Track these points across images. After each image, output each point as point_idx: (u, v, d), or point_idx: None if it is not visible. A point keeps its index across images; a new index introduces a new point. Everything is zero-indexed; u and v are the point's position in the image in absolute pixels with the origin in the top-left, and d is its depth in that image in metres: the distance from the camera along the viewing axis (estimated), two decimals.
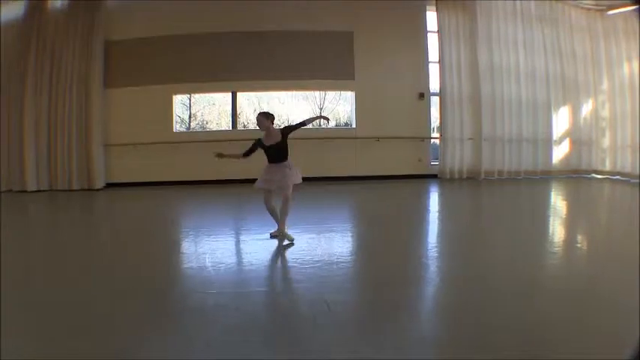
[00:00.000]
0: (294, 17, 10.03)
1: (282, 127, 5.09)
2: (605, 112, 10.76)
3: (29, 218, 8.13)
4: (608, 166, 10.60)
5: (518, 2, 10.55)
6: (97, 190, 10.11)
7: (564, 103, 10.71)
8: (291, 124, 5.29)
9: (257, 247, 4.77)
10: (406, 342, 2.52)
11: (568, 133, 10.74)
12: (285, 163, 4.92)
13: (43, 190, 10.23)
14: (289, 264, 4.03)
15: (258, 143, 4.96)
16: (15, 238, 5.86)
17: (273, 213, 4.98)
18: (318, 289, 3.37)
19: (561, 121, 10.71)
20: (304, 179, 5.10)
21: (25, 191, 10.15)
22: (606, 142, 10.73)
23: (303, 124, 5.11)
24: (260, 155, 5.06)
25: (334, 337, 2.57)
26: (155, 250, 4.87)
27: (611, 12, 10.64)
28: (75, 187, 10.20)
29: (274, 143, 4.87)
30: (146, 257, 4.55)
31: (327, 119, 5.56)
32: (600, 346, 2.35)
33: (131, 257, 4.58)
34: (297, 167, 5.05)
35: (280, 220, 4.88)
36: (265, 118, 4.94)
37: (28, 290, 3.49)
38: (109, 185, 10.28)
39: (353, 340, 2.55)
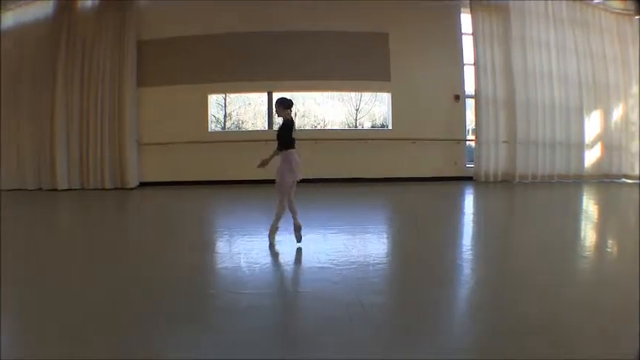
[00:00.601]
0: (330, 18, 10.02)
1: (291, 120, 4.81)
2: (635, 117, 10.85)
3: (61, 216, 8.02)
4: (637, 171, 10.66)
5: (550, 4, 10.61)
6: (130, 189, 10.00)
7: (596, 107, 10.77)
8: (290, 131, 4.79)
9: (292, 247, 4.70)
10: (440, 344, 2.51)
11: (599, 137, 10.81)
12: (282, 152, 4.71)
13: (75, 189, 10.09)
14: (325, 265, 3.97)
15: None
16: (46, 235, 5.82)
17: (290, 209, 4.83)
18: (353, 291, 3.36)
19: (593, 125, 10.78)
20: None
21: (56, 190, 10.01)
22: (635, 146, 10.81)
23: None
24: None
25: (369, 339, 2.57)
26: (189, 250, 4.80)
27: (638, 17, 10.75)
28: (107, 186, 10.08)
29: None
30: (180, 257, 4.48)
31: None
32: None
33: (165, 257, 4.52)
34: (294, 161, 4.70)
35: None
36: (278, 104, 4.77)
37: (63, 289, 3.44)
38: (143, 184, 10.16)
39: (388, 341, 2.55)
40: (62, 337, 2.56)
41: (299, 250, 4.60)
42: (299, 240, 4.70)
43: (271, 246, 4.74)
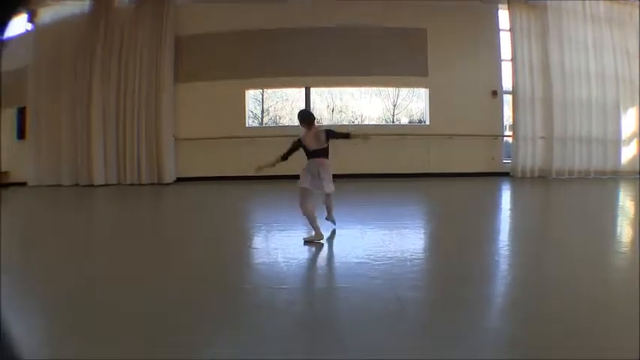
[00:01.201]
0: (367, 13, 10.03)
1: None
2: None
3: (97, 212, 7.99)
4: None
5: (587, 3, 10.60)
6: (167, 184, 9.98)
7: (632, 104, 10.73)
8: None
9: (330, 242, 4.64)
10: (477, 341, 2.45)
11: (636, 134, 10.76)
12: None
13: (111, 184, 10.08)
14: (362, 260, 3.90)
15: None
16: (83, 228, 5.85)
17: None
18: (391, 286, 3.31)
19: (629, 121, 10.74)
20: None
21: (92, 185, 10.00)
22: None
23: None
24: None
25: (405, 335, 2.53)
26: (227, 245, 4.75)
27: None
28: (144, 181, 10.07)
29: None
30: (217, 253, 4.43)
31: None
32: None
33: (203, 252, 4.46)
34: (304, 170, 4.73)
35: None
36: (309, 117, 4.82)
37: (102, 287, 3.38)
38: (179, 180, 10.14)
39: (424, 337, 2.51)
40: (99, 331, 2.54)
41: (338, 245, 4.56)
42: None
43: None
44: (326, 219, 4.90)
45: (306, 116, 4.72)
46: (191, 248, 4.64)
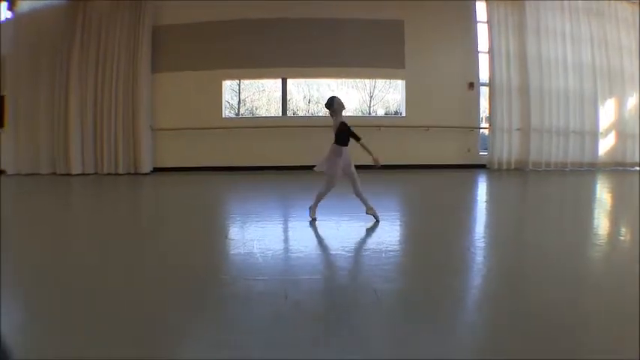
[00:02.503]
0: (345, 5, 10.01)
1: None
2: None
3: (73, 200, 8.04)
4: None
5: None
6: (144, 174, 10.02)
7: (610, 96, 10.75)
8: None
9: (305, 233, 4.69)
10: (452, 331, 2.49)
11: (614, 126, 10.78)
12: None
13: (88, 174, 10.13)
14: (338, 252, 3.94)
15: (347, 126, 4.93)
16: (59, 218, 5.82)
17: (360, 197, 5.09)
18: (366, 278, 3.34)
19: (607, 113, 10.75)
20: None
21: (70, 174, 10.05)
22: None
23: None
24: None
25: (382, 326, 2.55)
26: (202, 236, 4.76)
27: None
28: (121, 171, 10.11)
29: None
30: (193, 243, 4.43)
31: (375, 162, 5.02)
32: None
33: (178, 243, 4.46)
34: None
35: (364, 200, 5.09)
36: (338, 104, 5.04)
37: (78, 282, 3.30)
38: (156, 170, 10.19)
39: (400, 328, 2.52)
40: (76, 328, 2.50)
41: (313, 236, 4.60)
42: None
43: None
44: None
45: (326, 104, 5.03)
46: (165, 239, 4.63)
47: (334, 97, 5.02)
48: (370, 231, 4.81)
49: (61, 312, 2.70)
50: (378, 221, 4.99)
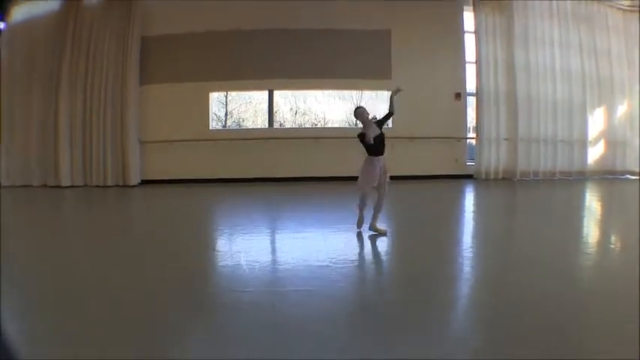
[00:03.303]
0: (331, 15, 10.00)
1: (375, 120, 5.07)
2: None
3: (66, 212, 8.14)
4: None
5: (554, 2, 10.50)
6: (132, 186, 10.11)
7: (599, 104, 10.68)
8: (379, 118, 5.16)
9: (292, 245, 4.78)
10: (438, 341, 2.56)
11: (603, 134, 10.72)
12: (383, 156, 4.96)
13: (77, 186, 10.22)
14: (325, 263, 3.99)
15: (362, 137, 4.83)
16: (49, 231, 5.87)
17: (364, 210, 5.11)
18: (353, 289, 3.40)
19: (596, 121, 10.69)
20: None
21: (60, 186, 10.15)
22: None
23: (390, 113, 5.10)
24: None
25: (369, 337, 2.60)
26: (190, 248, 4.84)
27: None
28: (110, 183, 10.19)
29: (377, 135, 4.85)
30: (181, 255, 4.50)
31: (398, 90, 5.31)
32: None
33: (166, 255, 4.53)
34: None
35: (375, 215, 5.03)
36: (364, 110, 4.97)
37: (65, 289, 3.43)
38: (145, 182, 10.27)
39: (388, 338, 2.57)
40: (61, 335, 2.60)
41: (300, 248, 4.69)
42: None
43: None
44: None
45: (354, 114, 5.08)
46: (154, 250, 4.72)
47: (357, 107, 5.06)
48: (358, 243, 4.89)
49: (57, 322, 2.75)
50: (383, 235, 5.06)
